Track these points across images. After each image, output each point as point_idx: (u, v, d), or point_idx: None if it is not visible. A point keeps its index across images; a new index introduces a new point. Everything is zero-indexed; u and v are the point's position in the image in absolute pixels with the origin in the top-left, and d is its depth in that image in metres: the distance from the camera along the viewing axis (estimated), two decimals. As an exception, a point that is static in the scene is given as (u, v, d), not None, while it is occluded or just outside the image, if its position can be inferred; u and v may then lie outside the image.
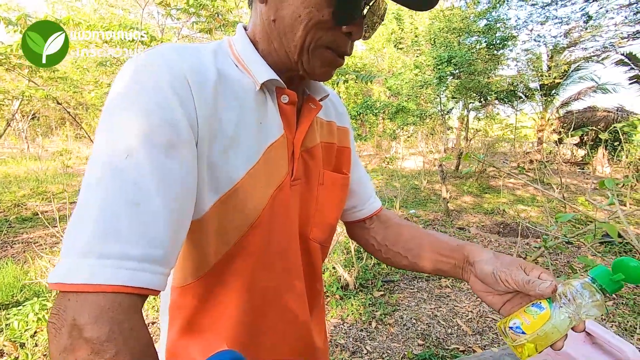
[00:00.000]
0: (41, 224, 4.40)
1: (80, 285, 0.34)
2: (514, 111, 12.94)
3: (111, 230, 0.36)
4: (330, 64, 0.51)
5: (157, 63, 0.43)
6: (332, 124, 0.67)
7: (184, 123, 0.42)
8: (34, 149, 13.13)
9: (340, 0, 0.45)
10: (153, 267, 0.38)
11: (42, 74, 4.91)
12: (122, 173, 0.38)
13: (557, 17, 9.14)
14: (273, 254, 0.54)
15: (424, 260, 0.66)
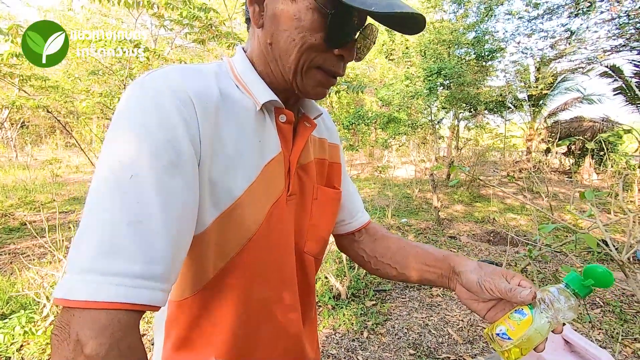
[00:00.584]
0: (29, 235, 4.33)
1: (82, 302, 0.36)
2: (503, 121, 13.19)
3: (114, 248, 0.37)
4: (323, 85, 0.54)
5: (161, 84, 0.45)
6: (323, 141, 0.70)
7: (186, 143, 0.44)
8: (23, 157, 12.94)
9: (331, 26, 0.48)
10: (153, 284, 0.39)
11: (32, 83, 4.88)
12: (126, 192, 0.39)
13: (543, 30, 9.41)
14: (269, 267, 0.56)
15: (412, 271, 0.69)
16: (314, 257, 0.66)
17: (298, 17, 0.48)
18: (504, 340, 0.53)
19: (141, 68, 4.78)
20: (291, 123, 0.58)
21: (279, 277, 0.58)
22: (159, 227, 0.40)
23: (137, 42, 3.89)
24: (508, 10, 9.19)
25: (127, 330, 0.37)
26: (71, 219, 5.15)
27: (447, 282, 0.65)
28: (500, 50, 9.98)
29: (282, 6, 0.49)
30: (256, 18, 0.52)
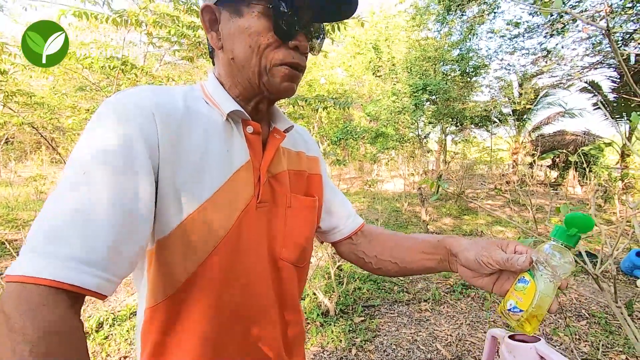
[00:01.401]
0: (8, 254, 4.21)
1: (18, 276, 0.40)
2: (489, 135, 13.48)
3: (58, 233, 0.41)
4: (289, 78, 0.58)
5: (126, 99, 0.51)
6: (300, 154, 0.74)
7: (142, 151, 0.49)
8: (6, 174, 12.66)
9: (275, 23, 0.54)
10: (88, 269, 0.42)
11: (18, 99, 4.83)
12: (78, 186, 0.44)
13: (524, 47, 9.75)
14: (239, 273, 0.58)
15: (412, 263, 0.72)
16: (292, 265, 0.67)
17: (248, 26, 0.55)
18: (517, 313, 0.53)
19: (129, 84, 4.78)
20: (259, 134, 0.62)
21: (249, 283, 0.59)
22: (103, 220, 0.43)
23: (125, 59, 3.91)
24: (490, 29, 9.53)
25: (51, 307, 0.39)
26: (54, 237, 5.03)
27: (447, 265, 0.67)
28: (484, 66, 10.29)
29: (233, 24, 0.56)
30: (215, 42, 0.59)
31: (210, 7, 0.58)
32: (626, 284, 3.59)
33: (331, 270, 3.16)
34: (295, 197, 0.68)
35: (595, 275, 0.94)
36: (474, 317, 2.90)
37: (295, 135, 0.74)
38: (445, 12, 7.56)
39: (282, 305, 0.66)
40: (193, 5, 3.83)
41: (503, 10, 8.16)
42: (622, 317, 1.02)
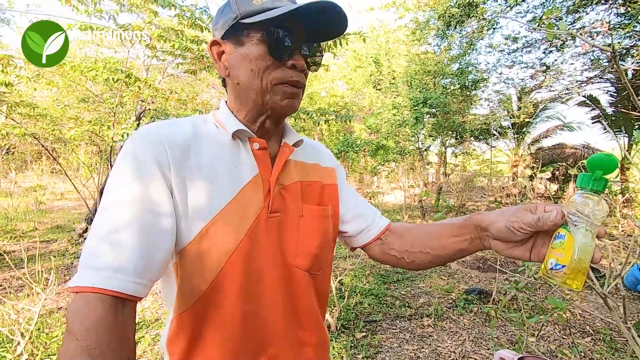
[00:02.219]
0: (6, 266, 4.17)
1: (75, 287, 0.49)
2: (489, 148, 13.54)
3: (98, 250, 0.50)
4: (290, 96, 0.63)
5: (143, 136, 0.59)
6: (315, 166, 0.77)
7: (157, 175, 0.57)
8: (6, 184, 12.65)
9: (271, 47, 0.60)
10: (123, 276, 0.50)
11: (21, 110, 4.86)
12: (108, 210, 0.54)
13: (522, 62, 9.86)
14: (253, 281, 0.62)
15: (445, 249, 0.71)
16: (306, 272, 0.68)
17: (249, 53, 0.61)
18: (559, 270, 0.51)
19: (132, 96, 4.82)
20: (266, 149, 0.66)
21: (262, 290, 0.63)
22: (129, 235, 0.51)
23: (128, 71, 3.95)
24: (489, 44, 9.66)
25: (92, 309, 0.47)
26: (53, 249, 4.99)
27: (480, 243, 0.66)
28: (483, 80, 10.39)
29: (236, 53, 0.63)
30: (223, 71, 0.66)
31: (217, 41, 0.65)
32: (630, 299, 3.55)
33: (332, 285, 3.13)
34: (307, 207, 0.70)
35: (603, 294, 0.93)
36: (477, 334, 2.86)
37: (309, 149, 0.79)
38: (445, 27, 7.68)
39: (297, 313, 0.68)
40: (197, 20, 3.88)
41: (502, 26, 8.28)
42: (631, 337, 1.01)
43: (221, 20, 0.64)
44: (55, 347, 2.46)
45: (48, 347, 2.45)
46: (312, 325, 0.70)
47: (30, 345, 2.24)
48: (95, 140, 6.08)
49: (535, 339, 1.88)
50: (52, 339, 2.52)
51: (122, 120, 5.34)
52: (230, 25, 0.61)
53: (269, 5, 0.59)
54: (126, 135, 4.18)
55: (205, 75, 5.73)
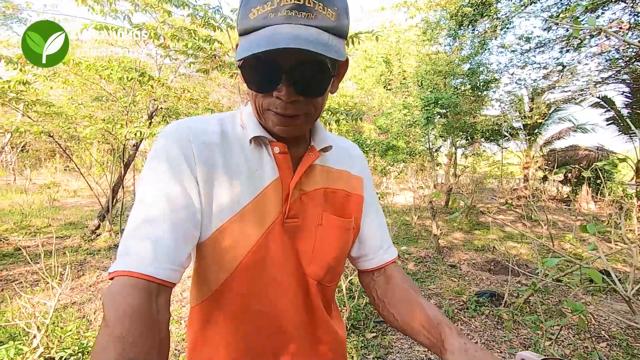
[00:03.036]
0: (22, 260, 4.25)
1: (113, 272, 0.51)
2: (499, 149, 13.38)
3: (132, 240, 0.53)
4: (277, 123, 0.59)
5: (171, 132, 0.61)
6: (343, 173, 0.73)
7: (184, 167, 0.58)
8: (21, 181, 12.91)
9: (246, 76, 0.56)
10: (158, 264, 0.51)
11: (37, 108, 4.95)
12: (142, 202, 0.56)
13: (535, 62, 9.72)
14: (266, 283, 0.62)
15: (411, 331, 0.69)
16: (318, 282, 0.68)
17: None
18: None
19: (145, 95, 4.88)
20: (286, 153, 0.64)
21: (278, 295, 0.63)
22: (166, 225, 0.53)
23: (142, 71, 3.99)
24: (501, 44, 9.54)
25: (126, 296, 0.48)
26: (66, 245, 5.08)
27: (439, 352, 0.64)
28: (495, 81, 10.27)
29: None
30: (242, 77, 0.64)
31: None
32: (647, 304, 3.47)
33: (342, 284, 3.12)
34: (327, 216, 0.68)
35: (628, 297, 0.91)
36: (489, 336, 2.83)
37: (340, 153, 0.74)
38: (457, 27, 7.61)
39: (312, 321, 0.68)
40: (210, 20, 3.91)
41: (514, 25, 8.17)
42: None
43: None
44: (69, 341, 2.50)
45: (62, 340, 2.49)
46: (325, 328, 0.71)
47: (45, 339, 2.28)
48: (108, 139, 6.18)
49: (551, 342, 1.85)
50: (67, 333, 2.56)
51: (134, 118, 5.41)
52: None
53: (258, 24, 0.52)
54: (139, 133, 4.24)
55: (216, 74, 5.77)
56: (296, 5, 0.50)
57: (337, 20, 0.54)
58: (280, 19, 0.51)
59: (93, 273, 3.99)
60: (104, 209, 5.53)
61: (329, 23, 0.53)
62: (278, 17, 0.51)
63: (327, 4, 0.52)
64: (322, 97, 0.59)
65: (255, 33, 0.52)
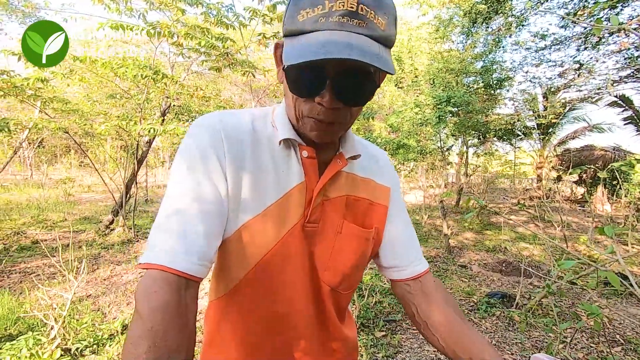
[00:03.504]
0: (39, 254, 4.37)
1: (145, 264, 0.52)
2: (512, 148, 13.18)
3: (164, 233, 0.54)
4: (315, 129, 0.58)
5: (203, 125, 0.62)
6: (368, 181, 0.72)
7: (216, 166, 0.59)
8: (38, 176, 13.23)
9: (290, 83, 0.55)
10: (189, 257, 0.52)
11: (54, 105, 5.06)
12: (176, 197, 0.56)
13: (550, 60, 9.54)
14: (282, 284, 0.63)
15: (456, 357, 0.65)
16: (331, 288, 0.68)
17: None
18: None
19: (158, 93, 4.95)
20: (314, 158, 0.64)
21: (293, 295, 0.64)
22: (196, 220, 0.54)
23: (156, 68, 4.05)
24: (515, 41, 9.38)
25: (159, 290, 0.49)
26: (81, 239, 5.19)
27: None
28: (508, 79, 10.11)
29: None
30: (280, 77, 0.62)
31: (281, 45, 0.60)
32: (664, 309, 3.39)
33: (352, 282, 3.12)
34: (347, 225, 0.68)
35: (647, 301, 0.89)
36: (500, 338, 2.80)
37: (368, 161, 0.73)
38: (471, 24, 7.49)
39: (323, 326, 0.70)
40: (223, 18, 3.94)
41: (529, 22, 8.01)
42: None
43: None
44: (85, 333, 2.56)
45: (78, 332, 2.56)
46: (337, 333, 0.72)
47: (62, 330, 2.34)
48: (121, 135, 6.28)
49: (565, 345, 1.82)
50: (82, 325, 2.63)
51: (147, 116, 5.49)
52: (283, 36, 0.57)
53: (308, 27, 0.50)
54: (152, 130, 4.30)
55: (228, 72, 5.81)
56: (349, 12, 0.48)
57: (387, 30, 0.52)
58: (331, 24, 0.49)
59: (107, 267, 4.07)
60: (118, 205, 5.64)
61: (379, 32, 0.51)
62: (329, 22, 0.49)
63: (378, 12, 0.50)
64: (361, 106, 0.59)
65: (305, 37, 0.50)
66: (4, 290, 3.19)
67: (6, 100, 6.81)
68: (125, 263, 4.27)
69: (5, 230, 5.30)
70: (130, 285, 3.61)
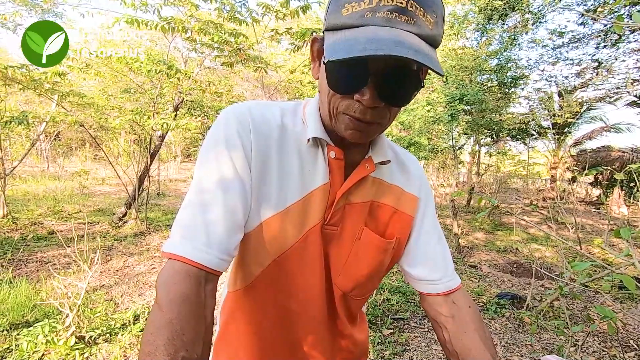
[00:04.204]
0: (55, 244, 4.48)
1: (168, 253, 0.52)
2: (525, 148, 12.94)
3: (190, 223, 0.54)
4: (351, 127, 0.55)
5: (233, 114, 0.61)
6: (394, 188, 0.69)
7: (243, 158, 0.58)
8: (54, 168, 13.54)
9: (328, 77, 0.53)
10: (211, 251, 0.52)
11: (70, 99, 5.16)
12: (202, 189, 0.56)
13: (568, 58, 9.32)
14: (298, 283, 0.63)
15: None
16: (344, 293, 0.68)
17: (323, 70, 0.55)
18: None
19: (171, 88, 5.00)
20: (341, 159, 0.62)
21: (307, 296, 0.64)
22: (219, 213, 0.54)
23: (170, 63, 4.09)
24: (532, 39, 9.17)
25: (180, 282, 0.49)
26: (95, 230, 5.31)
27: None
28: (524, 77, 9.91)
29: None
30: (315, 72, 0.61)
31: (318, 40, 0.59)
32: (681, 315, 3.30)
33: (360, 280, 3.12)
34: (367, 232, 0.66)
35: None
36: (510, 339, 2.77)
37: (397, 167, 0.71)
38: (486, 21, 7.36)
39: (334, 327, 0.70)
40: (236, 13, 3.95)
41: (547, 19, 7.82)
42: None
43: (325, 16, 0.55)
44: (98, 321, 2.63)
45: (92, 321, 2.62)
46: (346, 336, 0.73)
47: (76, 318, 2.40)
48: (135, 129, 6.38)
49: (576, 348, 1.80)
50: (96, 314, 2.69)
51: (160, 110, 5.56)
52: (324, 30, 0.54)
53: (353, 22, 0.48)
54: (165, 125, 4.36)
55: (239, 68, 5.84)
56: (398, 7, 0.46)
57: (435, 29, 0.49)
58: (378, 20, 0.46)
59: (120, 258, 4.16)
60: (131, 197, 5.74)
61: (427, 31, 0.48)
62: (376, 17, 0.46)
63: (428, 10, 0.48)
64: (402, 107, 0.56)
65: (350, 32, 0.48)
66: (22, 279, 3.28)
67: (25, 94, 6.97)
68: (137, 255, 4.35)
69: (22, 221, 5.45)
70: (142, 276, 3.68)
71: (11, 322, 2.58)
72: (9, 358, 2.16)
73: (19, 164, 6.36)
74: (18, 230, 5.01)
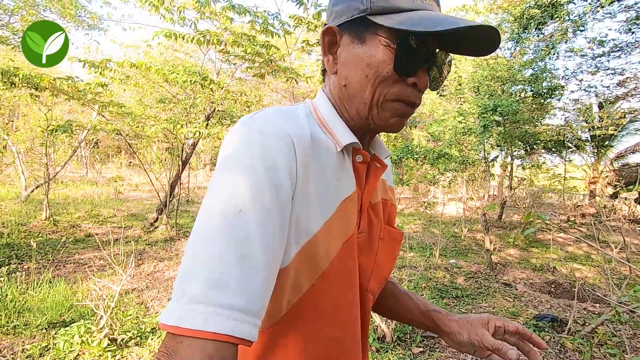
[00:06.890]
0: (91, 246, 4.68)
1: (193, 331, 0.37)
2: (561, 161, 12.34)
3: (222, 281, 0.39)
4: (401, 115, 0.54)
5: (266, 128, 0.48)
6: (384, 181, 0.72)
7: (287, 184, 0.46)
8: (92, 174, 14.27)
9: (398, 57, 0.50)
10: (251, 319, 0.40)
11: (110, 109, 5.44)
12: (233, 228, 0.41)
13: (609, 67, 8.86)
14: (338, 305, 0.56)
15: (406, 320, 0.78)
16: (373, 296, 0.65)
17: (369, 55, 0.51)
18: None
19: (204, 98, 5.17)
20: (366, 163, 0.60)
21: (346, 316, 0.57)
22: (260, 265, 0.41)
23: (205, 74, 4.23)
24: (569, 48, 8.81)
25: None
26: (129, 234, 5.50)
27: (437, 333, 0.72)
28: (560, 88, 9.51)
29: (353, 50, 0.53)
30: (331, 66, 0.57)
31: (332, 30, 0.55)
32: None
33: (389, 294, 3.03)
34: (386, 229, 0.66)
35: None
36: (548, 357, 2.59)
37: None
38: (521, 30, 7.15)
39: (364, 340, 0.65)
40: (269, 26, 4.05)
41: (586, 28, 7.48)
42: None
43: (342, 4, 0.54)
44: (129, 324, 2.69)
45: (124, 324, 2.69)
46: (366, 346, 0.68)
47: (110, 321, 2.47)
48: (168, 137, 6.63)
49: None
50: (127, 317, 2.76)
51: (193, 119, 5.75)
52: (355, 17, 0.52)
53: (406, 5, 0.49)
54: (197, 133, 4.49)
55: (269, 79, 5.95)
56: None
57: None
58: (426, 5, 0.51)
59: (151, 263, 4.27)
60: (162, 203, 5.92)
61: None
62: (424, 3, 0.51)
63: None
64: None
65: (409, 13, 0.49)
66: (61, 279, 3.43)
67: (69, 104, 7.43)
68: (167, 260, 4.45)
69: (62, 223, 5.74)
70: (171, 281, 3.76)
71: (50, 320, 2.69)
72: (47, 356, 2.24)
73: (61, 169, 6.74)
74: (58, 232, 5.28)
